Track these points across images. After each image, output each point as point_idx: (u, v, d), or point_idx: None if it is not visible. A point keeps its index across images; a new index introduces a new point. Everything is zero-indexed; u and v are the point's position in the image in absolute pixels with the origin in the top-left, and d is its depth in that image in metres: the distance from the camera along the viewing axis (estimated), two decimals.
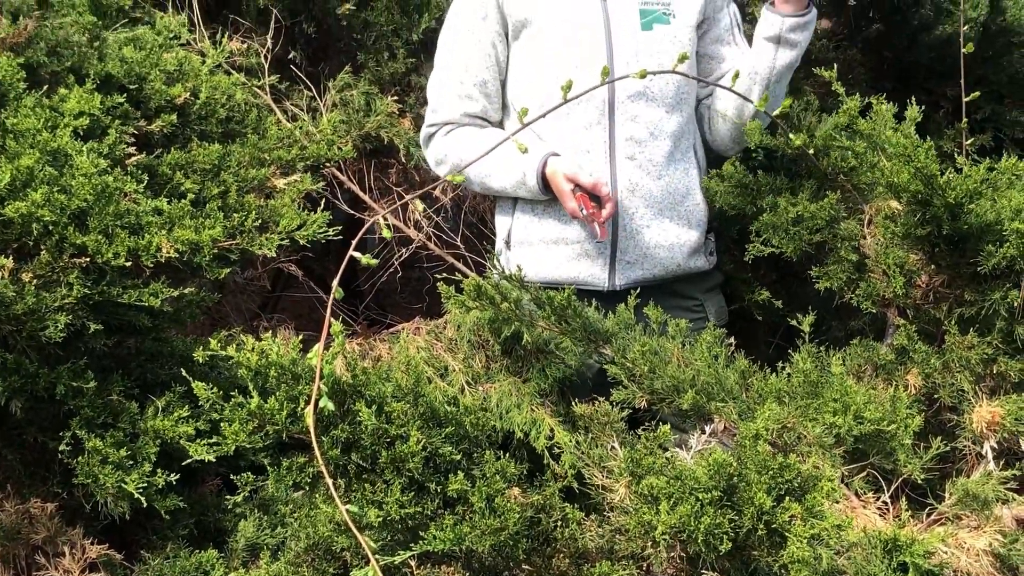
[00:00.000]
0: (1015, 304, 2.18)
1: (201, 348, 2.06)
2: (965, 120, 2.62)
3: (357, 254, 1.89)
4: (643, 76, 2.33)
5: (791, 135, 2.53)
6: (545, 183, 2.59)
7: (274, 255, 2.25)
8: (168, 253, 2.04)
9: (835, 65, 2.61)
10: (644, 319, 2.40)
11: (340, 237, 2.40)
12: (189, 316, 2.22)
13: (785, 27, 2.59)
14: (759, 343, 3.11)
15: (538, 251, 2.69)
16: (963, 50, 2.61)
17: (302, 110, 3.19)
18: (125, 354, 2.22)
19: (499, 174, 2.65)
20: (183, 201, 2.18)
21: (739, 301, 3.00)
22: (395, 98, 3.24)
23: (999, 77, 3.36)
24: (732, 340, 2.42)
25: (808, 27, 2.62)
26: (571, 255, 2.67)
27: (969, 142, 2.69)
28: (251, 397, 1.94)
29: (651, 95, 2.64)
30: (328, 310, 1.85)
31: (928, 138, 3.20)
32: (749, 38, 2.80)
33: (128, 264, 2.02)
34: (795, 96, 3.11)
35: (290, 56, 3.31)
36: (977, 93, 2.59)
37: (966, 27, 3.06)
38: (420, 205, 2.25)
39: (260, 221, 2.27)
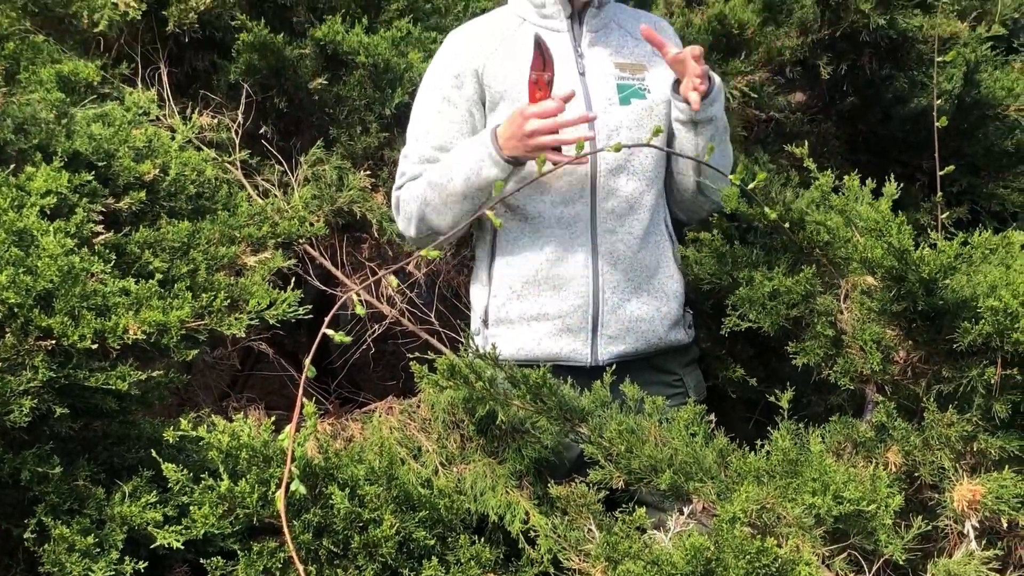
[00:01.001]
0: (993, 381, 2.16)
1: (170, 429, 2.03)
2: (940, 194, 2.62)
3: (330, 332, 1.86)
4: (617, 150, 2.34)
5: (767, 208, 2.52)
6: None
7: (243, 335, 2.22)
8: (135, 335, 2.01)
9: (809, 139, 2.62)
10: (622, 396, 2.38)
11: (311, 316, 2.38)
12: (157, 398, 2.19)
13: (694, 112, 2.59)
14: (738, 419, 3.09)
15: (518, 328, 2.66)
16: (936, 123, 2.61)
17: (273, 185, 3.17)
18: (92, 437, 2.18)
19: (459, 168, 2.57)
20: (151, 281, 2.15)
21: (715, 378, 2.97)
22: (368, 172, 3.22)
23: (974, 150, 3.38)
24: (712, 417, 2.40)
25: (715, 101, 2.62)
26: (552, 331, 2.64)
27: (945, 215, 2.69)
28: (221, 480, 1.90)
29: (631, 169, 2.65)
30: (300, 391, 1.82)
31: (904, 211, 3.20)
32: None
33: (95, 346, 1.98)
34: (773, 170, 3.12)
35: (261, 131, 3.28)
36: (951, 167, 2.59)
37: (940, 100, 3.08)
38: (394, 281, 2.22)
39: (229, 301, 2.24)
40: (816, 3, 3.27)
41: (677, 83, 2.63)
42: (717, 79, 2.64)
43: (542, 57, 2.45)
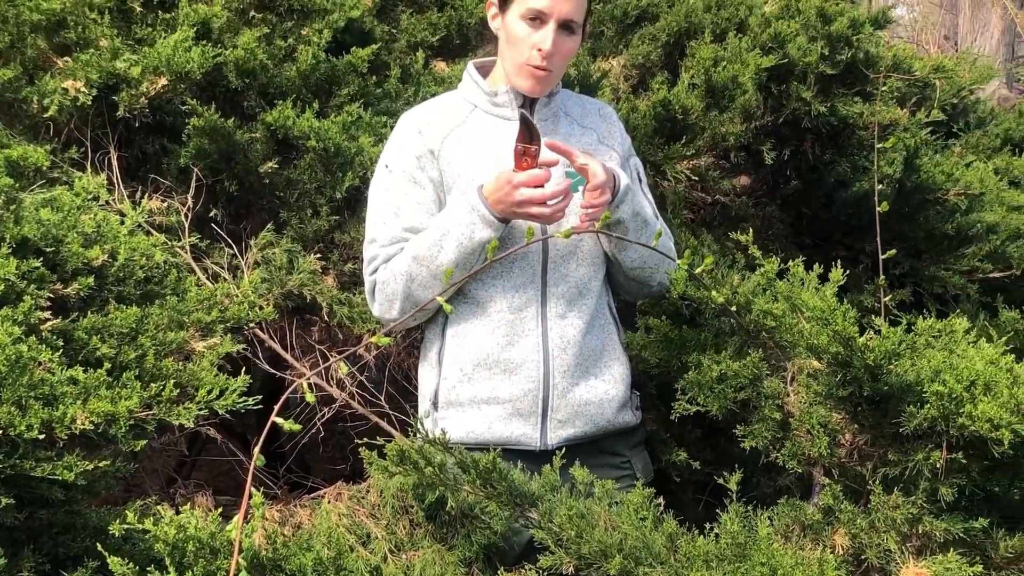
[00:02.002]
0: (938, 464, 2.18)
1: (116, 521, 2.00)
2: (883, 277, 2.66)
3: (279, 420, 1.85)
4: (568, 236, 2.37)
5: (714, 292, 2.55)
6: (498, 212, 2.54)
7: (192, 425, 2.21)
8: (83, 425, 1.99)
9: (754, 222, 2.66)
10: (571, 479, 2.38)
11: (260, 398, 2.37)
12: (103, 487, 2.16)
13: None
14: (688, 500, 3.09)
15: (468, 412, 2.66)
16: (878, 208, 2.67)
17: (223, 268, 3.16)
18: (37, 527, 2.15)
19: (449, 237, 2.56)
20: (99, 371, 2.14)
21: (660, 461, 2.98)
22: (318, 255, 3.22)
23: (916, 233, 3.43)
24: (661, 500, 2.41)
25: (624, 203, 2.64)
26: (502, 415, 2.64)
27: (888, 298, 2.74)
28: (168, 573, 1.88)
29: (581, 255, 2.68)
30: (248, 481, 1.81)
31: (848, 293, 3.27)
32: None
33: (42, 436, 1.97)
34: (719, 252, 3.16)
35: (211, 214, 3.28)
36: (893, 251, 2.64)
37: (881, 185, 3.13)
38: (344, 368, 2.22)
39: (178, 390, 2.23)
40: (758, 90, 3.34)
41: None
42: (624, 181, 2.64)
43: (528, 131, 2.48)
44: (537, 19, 2.57)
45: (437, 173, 2.67)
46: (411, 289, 2.62)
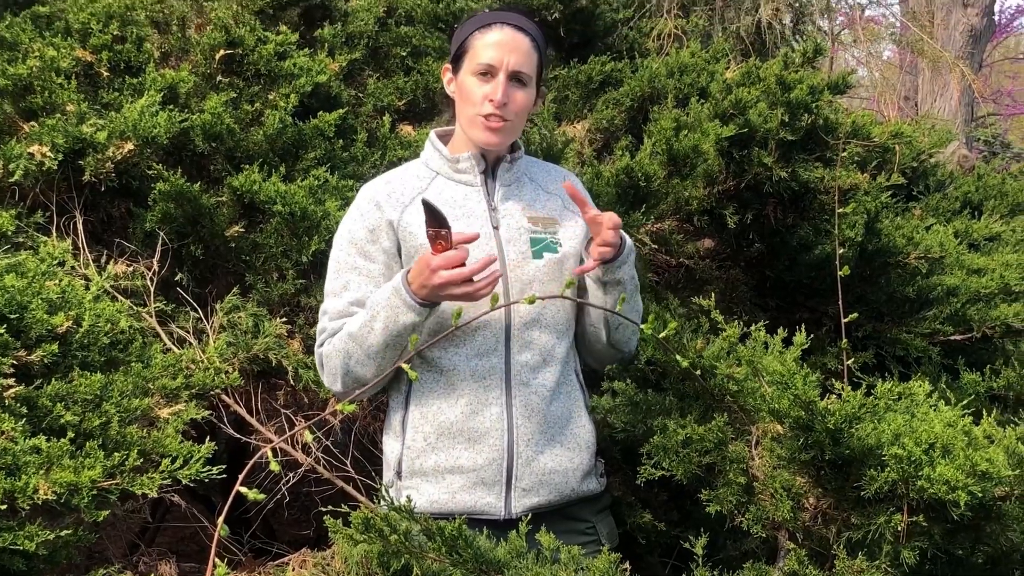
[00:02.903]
0: (900, 528, 2.20)
1: None
2: (845, 340, 2.69)
3: (243, 490, 1.85)
4: (531, 302, 2.38)
5: (678, 356, 2.57)
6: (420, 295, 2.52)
7: (156, 495, 2.20)
8: (45, 495, 1.98)
9: (718, 285, 2.68)
10: (537, 546, 2.37)
11: (224, 467, 2.36)
12: (65, 557, 2.15)
13: (602, 273, 2.67)
14: (655, 563, 3.09)
15: (432, 481, 2.65)
16: (839, 272, 2.70)
17: (189, 332, 3.16)
18: None
19: (378, 318, 2.55)
20: (63, 440, 2.13)
21: (624, 525, 2.97)
22: (284, 319, 3.22)
23: (877, 296, 3.46)
24: (626, 565, 2.40)
25: (624, 264, 2.68)
26: (467, 484, 2.63)
27: (851, 361, 2.76)
28: None
29: (544, 322, 2.68)
30: (212, 551, 1.80)
31: (812, 355, 3.29)
32: None
33: (3, 506, 1.95)
34: (684, 315, 3.18)
35: (177, 278, 3.28)
36: (855, 315, 2.66)
37: (843, 249, 3.16)
38: (309, 436, 2.21)
39: (142, 459, 2.22)
40: (720, 157, 3.38)
41: (591, 241, 2.69)
42: (629, 242, 2.70)
43: (434, 216, 2.47)
44: (487, 73, 2.63)
45: (392, 244, 2.67)
46: (349, 366, 2.62)
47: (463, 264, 2.45)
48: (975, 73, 13.38)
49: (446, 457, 2.63)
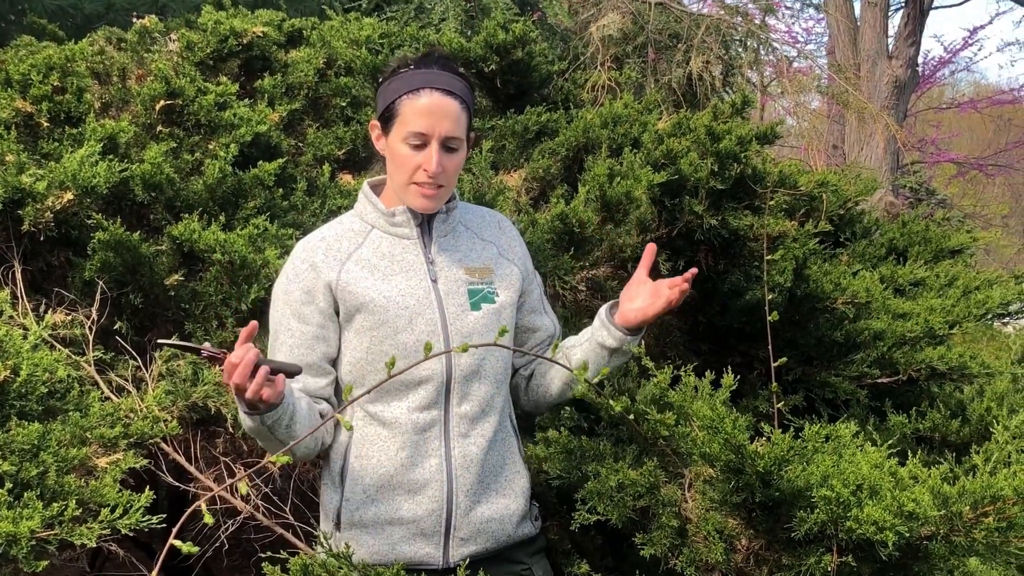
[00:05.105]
0: (830, 568, 2.26)
1: None
2: (775, 384, 2.74)
3: (177, 543, 1.86)
4: (464, 350, 2.41)
5: (612, 401, 2.61)
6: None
7: (95, 545, 2.21)
8: None
9: (652, 330, 2.73)
10: None
11: (164, 516, 2.37)
12: None
13: (627, 342, 2.74)
14: None
15: (371, 532, 2.65)
16: (768, 317, 2.77)
17: (128, 381, 3.16)
18: None
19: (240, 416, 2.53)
20: (0, 490, 2.13)
21: (561, 573, 2.99)
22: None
23: (807, 340, 3.53)
24: None
25: (641, 333, 2.79)
26: (406, 535, 2.64)
27: (781, 404, 2.81)
28: None
29: (484, 373, 2.70)
30: None
31: (743, 399, 3.35)
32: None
33: None
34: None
35: (116, 326, 3.29)
36: (785, 359, 2.74)
37: (772, 294, 3.23)
38: (244, 488, 2.23)
39: (81, 509, 2.22)
40: (652, 204, 3.45)
41: (614, 306, 2.78)
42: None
43: (189, 350, 2.46)
44: (419, 143, 2.61)
45: (329, 305, 2.66)
46: (258, 438, 2.59)
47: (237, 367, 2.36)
48: (900, 123, 13.69)
49: (386, 509, 2.64)
